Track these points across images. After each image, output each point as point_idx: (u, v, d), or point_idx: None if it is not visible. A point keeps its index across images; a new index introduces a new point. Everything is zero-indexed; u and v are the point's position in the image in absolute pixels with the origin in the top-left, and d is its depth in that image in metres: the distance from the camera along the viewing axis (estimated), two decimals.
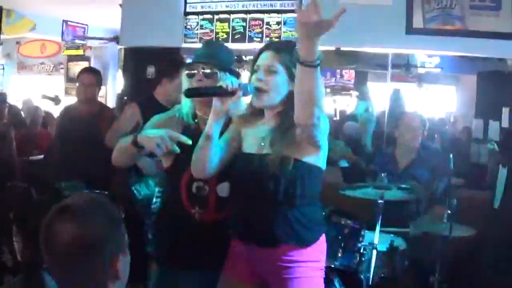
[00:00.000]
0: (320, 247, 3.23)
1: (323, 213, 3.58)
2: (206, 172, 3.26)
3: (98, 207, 1.99)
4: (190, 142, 3.16)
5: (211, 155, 3.17)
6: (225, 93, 3.03)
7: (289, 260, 3.11)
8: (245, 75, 9.96)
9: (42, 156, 7.81)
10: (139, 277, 3.90)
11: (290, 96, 3.01)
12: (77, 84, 6.41)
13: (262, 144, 3.19)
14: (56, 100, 8.53)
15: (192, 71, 3.44)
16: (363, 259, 4.58)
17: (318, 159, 3.16)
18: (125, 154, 3.50)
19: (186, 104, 3.49)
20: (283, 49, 3.16)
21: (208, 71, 3.40)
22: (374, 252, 4.47)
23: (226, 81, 3.07)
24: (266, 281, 3.27)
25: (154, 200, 4.76)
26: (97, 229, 1.91)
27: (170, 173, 3.63)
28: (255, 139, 3.24)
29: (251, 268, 3.25)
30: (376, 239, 4.52)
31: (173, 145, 3.13)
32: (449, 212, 4.73)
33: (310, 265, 3.15)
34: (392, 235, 4.92)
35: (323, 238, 3.26)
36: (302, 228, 3.11)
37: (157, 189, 4.80)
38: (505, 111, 7.64)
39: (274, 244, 3.12)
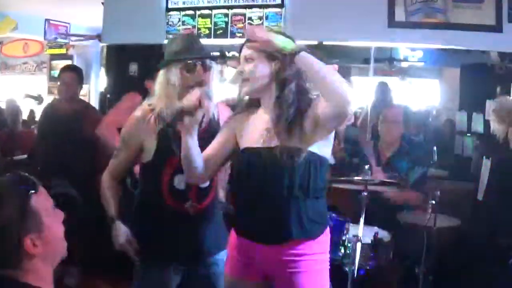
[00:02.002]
0: (326, 238, 3.21)
1: None
2: (199, 179, 3.34)
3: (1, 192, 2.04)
4: None
5: (196, 163, 3.19)
6: (190, 113, 3.04)
7: (296, 253, 3.07)
8: (228, 71, 9.94)
9: (25, 156, 7.76)
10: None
11: (276, 77, 3.06)
12: (58, 83, 6.39)
13: (268, 136, 3.13)
14: (39, 99, 8.49)
15: (190, 66, 3.51)
16: (347, 251, 4.60)
17: (327, 150, 3.14)
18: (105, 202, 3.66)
19: (163, 104, 3.52)
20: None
21: (208, 64, 3.55)
22: (359, 244, 4.48)
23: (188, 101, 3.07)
24: (271, 277, 3.21)
25: None
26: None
27: (148, 168, 3.66)
28: (257, 133, 3.17)
29: (256, 265, 3.18)
30: (360, 232, 4.53)
31: None
32: (433, 202, 4.76)
33: (317, 257, 3.13)
34: (376, 227, 4.93)
35: (328, 230, 3.23)
36: (311, 221, 3.07)
37: None
38: (489, 103, 7.66)
39: (286, 239, 3.07)
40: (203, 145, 3.26)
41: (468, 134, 8.17)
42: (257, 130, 3.19)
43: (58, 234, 2.18)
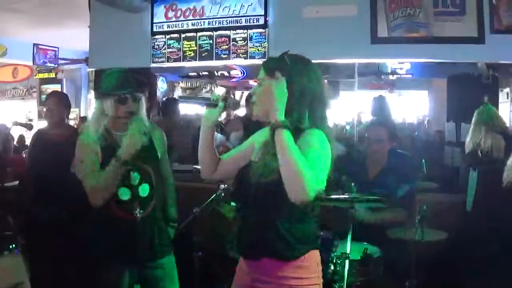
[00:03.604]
0: (305, 263, 3.09)
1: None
2: (207, 173, 3.43)
3: None
4: None
5: (204, 157, 3.35)
6: (209, 104, 3.23)
7: (270, 275, 3.06)
8: (218, 91, 9.92)
9: (17, 182, 7.76)
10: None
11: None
12: (44, 109, 6.41)
13: (258, 152, 3.18)
14: (28, 125, 8.47)
15: (122, 99, 4.04)
16: (337, 268, 4.61)
17: None
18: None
19: (95, 129, 4.06)
20: (270, 59, 3.23)
21: (138, 95, 4.11)
22: (347, 261, 4.50)
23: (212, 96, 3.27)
24: None
25: None
26: None
27: None
28: (258, 148, 3.23)
29: (249, 281, 3.19)
30: (348, 249, 4.55)
31: None
32: (419, 217, 4.79)
33: (293, 282, 3.05)
34: (365, 243, 4.95)
35: (310, 256, 3.12)
36: (282, 241, 3.03)
37: None
38: None
39: (255, 256, 3.11)
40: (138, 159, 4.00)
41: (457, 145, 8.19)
42: (259, 145, 3.22)
43: None
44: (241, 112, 8.54)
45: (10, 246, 4.34)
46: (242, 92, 15.12)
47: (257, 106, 3.11)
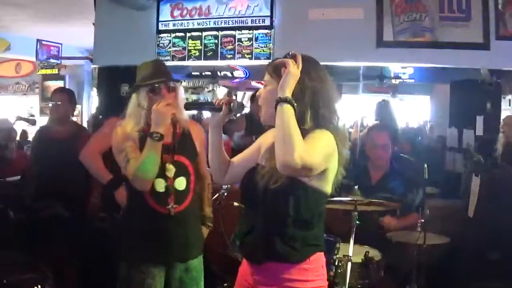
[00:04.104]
0: (310, 266, 3.05)
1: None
2: (217, 177, 3.43)
3: None
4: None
5: (213, 158, 3.34)
6: (213, 108, 3.19)
7: (275, 278, 3.03)
8: (220, 91, 9.87)
9: (19, 177, 7.75)
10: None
11: None
12: (50, 104, 6.41)
13: (264, 154, 3.17)
14: (31, 121, 8.46)
15: (156, 89, 3.93)
16: (339, 271, 4.61)
17: (321, 183, 2.99)
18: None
19: (134, 122, 3.94)
20: (274, 60, 3.18)
21: (172, 85, 3.97)
22: (349, 264, 4.50)
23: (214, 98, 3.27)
24: None
25: None
26: None
27: None
28: (268, 150, 3.16)
29: (252, 284, 3.17)
30: (351, 251, 4.55)
31: None
32: (422, 221, 4.80)
33: (298, 285, 3.01)
34: (366, 246, 4.95)
35: (315, 258, 3.08)
36: (286, 245, 3.00)
37: None
38: (479, 119, 7.71)
39: (259, 260, 3.09)
40: (174, 150, 3.93)
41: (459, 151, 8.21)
42: (268, 148, 3.16)
43: None
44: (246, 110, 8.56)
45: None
46: (244, 93, 15.15)
47: (262, 109, 3.11)
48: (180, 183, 3.99)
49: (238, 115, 3.48)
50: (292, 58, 2.94)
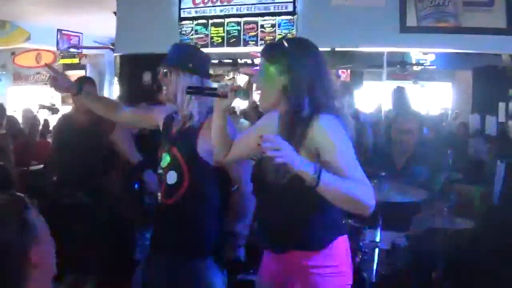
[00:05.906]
0: (332, 251, 3.06)
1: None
2: (221, 156, 3.38)
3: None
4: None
5: (218, 140, 3.29)
6: (216, 95, 3.11)
7: (299, 265, 3.04)
8: (241, 79, 9.85)
9: (41, 166, 7.80)
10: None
11: (284, 92, 2.95)
12: None
13: None
14: (53, 109, 8.50)
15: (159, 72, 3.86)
16: (365, 257, 4.61)
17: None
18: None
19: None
20: (268, 45, 3.21)
21: (164, 71, 3.78)
22: (376, 250, 4.50)
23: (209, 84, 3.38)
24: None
25: None
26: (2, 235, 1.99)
27: None
28: None
29: (276, 273, 3.19)
30: (378, 237, 4.55)
31: None
32: (449, 206, 4.78)
33: (322, 271, 3.02)
34: (393, 232, 4.94)
35: (338, 243, 3.09)
36: (306, 232, 3.02)
37: None
38: (502, 105, 7.68)
39: (282, 249, 3.10)
40: (180, 140, 3.76)
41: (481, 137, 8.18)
42: None
43: (51, 245, 2.22)
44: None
45: None
46: None
47: (260, 95, 3.09)
48: (170, 177, 3.79)
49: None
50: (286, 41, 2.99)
